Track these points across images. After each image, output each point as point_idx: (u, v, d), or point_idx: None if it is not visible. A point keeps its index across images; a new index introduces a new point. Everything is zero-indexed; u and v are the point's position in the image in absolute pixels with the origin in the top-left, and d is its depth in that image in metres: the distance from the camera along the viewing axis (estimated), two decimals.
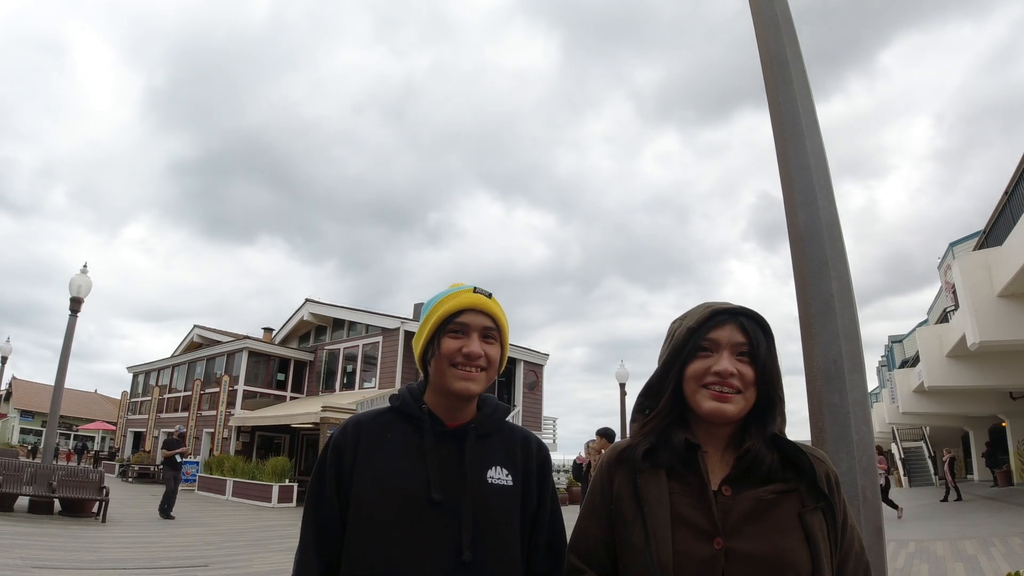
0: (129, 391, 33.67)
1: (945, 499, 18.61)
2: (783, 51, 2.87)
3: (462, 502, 1.37)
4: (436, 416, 1.47)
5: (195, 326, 30.98)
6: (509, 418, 1.59)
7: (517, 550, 1.43)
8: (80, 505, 12.16)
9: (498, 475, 1.44)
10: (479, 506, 1.38)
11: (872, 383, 40.53)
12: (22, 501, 12.00)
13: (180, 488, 14.05)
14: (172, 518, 12.98)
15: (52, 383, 13.92)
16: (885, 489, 15.90)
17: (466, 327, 1.45)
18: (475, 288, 1.50)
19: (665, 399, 1.34)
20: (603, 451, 7.83)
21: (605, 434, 8.07)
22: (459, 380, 1.43)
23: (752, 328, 1.30)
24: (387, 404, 1.55)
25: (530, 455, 1.53)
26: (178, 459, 13.88)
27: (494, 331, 1.49)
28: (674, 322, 1.41)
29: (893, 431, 32.57)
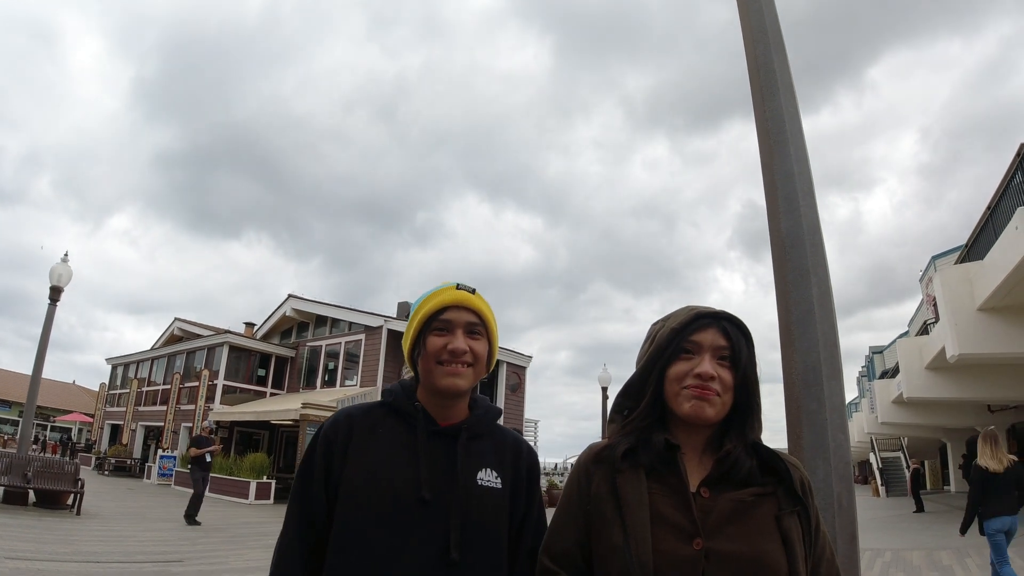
0: (107, 383, 33.28)
1: (920, 510, 18.85)
2: (770, 58, 2.88)
3: (451, 502, 1.36)
4: (428, 414, 1.47)
5: (176, 319, 30.65)
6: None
7: (504, 552, 1.43)
8: (55, 497, 12.01)
9: (488, 477, 1.44)
10: (468, 507, 1.37)
11: (852, 393, 40.91)
12: None
13: (157, 483, 13.71)
14: (198, 523, 12.03)
15: (30, 373, 13.66)
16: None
17: (450, 324, 1.46)
18: (458, 284, 1.50)
19: (646, 400, 1.34)
20: None
21: None
22: (445, 376, 1.43)
23: (734, 333, 1.31)
24: (376, 399, 1.54)
25: (520, 460, 1.53)
26: (207, 459, 12.84)
27: (479, 326, 1.49)
28: (655, 323, 1.42)
29: (871, 441, 32.84)
